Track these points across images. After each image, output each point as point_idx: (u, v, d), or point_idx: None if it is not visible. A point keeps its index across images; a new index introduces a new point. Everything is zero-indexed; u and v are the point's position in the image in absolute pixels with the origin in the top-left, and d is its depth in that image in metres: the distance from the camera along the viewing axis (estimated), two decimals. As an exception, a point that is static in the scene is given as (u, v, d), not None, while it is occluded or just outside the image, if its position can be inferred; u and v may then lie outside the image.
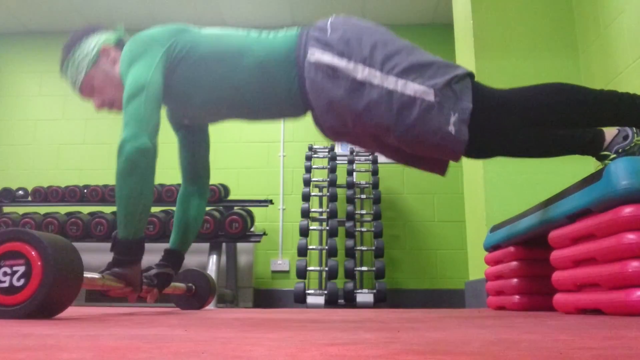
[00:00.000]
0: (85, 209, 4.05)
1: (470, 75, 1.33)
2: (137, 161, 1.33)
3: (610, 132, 1.48)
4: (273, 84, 1.40)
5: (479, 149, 1.35)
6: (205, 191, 1.78)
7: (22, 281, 1.00)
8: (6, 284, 1.00)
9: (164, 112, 1.65)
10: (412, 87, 1.28)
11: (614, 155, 1.45)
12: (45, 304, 1.00)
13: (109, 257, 1.39)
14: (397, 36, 1.41)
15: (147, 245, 1.47)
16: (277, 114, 1.51)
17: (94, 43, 1.53)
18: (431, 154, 1.37)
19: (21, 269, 1.00)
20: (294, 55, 1.38)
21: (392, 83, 1.28)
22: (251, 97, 1.44)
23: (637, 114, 1.35)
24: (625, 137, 1.45)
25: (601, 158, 1.47)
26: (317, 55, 1.33)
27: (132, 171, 1.33)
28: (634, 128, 1.46)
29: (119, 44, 1.56)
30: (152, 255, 4.69)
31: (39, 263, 1.00)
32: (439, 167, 1.47)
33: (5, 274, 1.01)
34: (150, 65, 1.39)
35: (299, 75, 1.38)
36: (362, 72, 1.30)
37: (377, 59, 1.30)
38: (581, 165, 2.17)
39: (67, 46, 1.53)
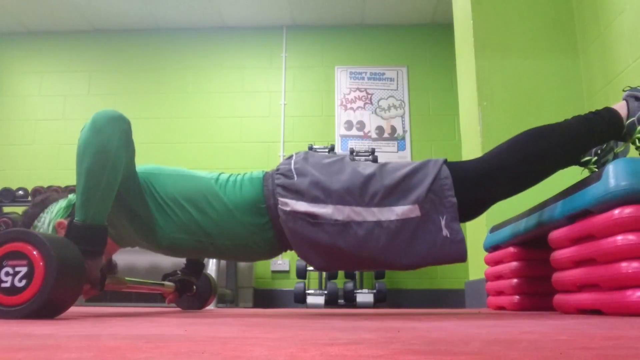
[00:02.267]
0: (85, 209, 4.04)
1: (444, 162, 1.32)
2: (104, 126, 1.20)
3: (619, 105, 1.49)
4: (245, 232, 1.35)
5: (477, 213, 1.37)
6: None
7: (24, 282, 1.00)
8: (8, 284, 1.00)
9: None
10: (396, 211, 1.26)
11: (595, 158, 1.47)
12: (47, 305, 1.00)
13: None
14: (362, 163, 1.37)
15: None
16: (253, 258, 1.46)
17: (47, 220, 1.43)
18: (438, 263, 1.33)
19: (23, 270, 1.00)
20: (264, 205, 1.33)
21: (376, 214, 1.26)
22: (223, 246, 1.37)
23: (608, 130, 1.38)
24: (638, 99, 1.47)
25: (583, 164, 1.48)
26: (291, 205, 1.28)
27: (99, 131, 1.19)
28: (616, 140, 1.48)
29: (73, 212, 1.40)
30: (154, 255, 4.66)
31: (41, 263, 1.00)
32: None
33: (7, 274, 1.01)
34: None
35: (274, 224, 1.34)
36: (342, 213, 1.26)
37: (354, 195, 1.27)
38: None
39: (23, 226, 1.42)
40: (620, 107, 1.42)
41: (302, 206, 1.28)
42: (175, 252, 1.44)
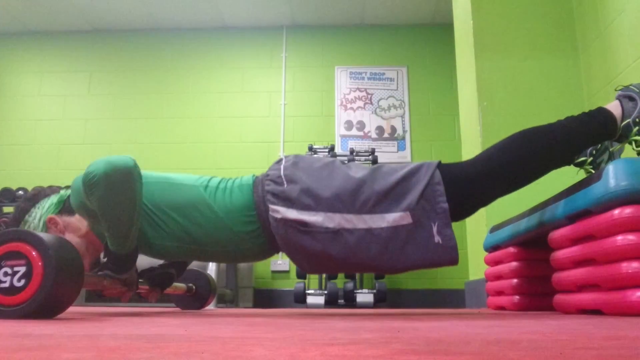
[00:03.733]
0: (85, 209, 4.04)
1: (437, 166, 1.31)
2: (119, 180, 1.24)
3: (612, 104, 1.48)
4: (236, 239, 1.35)
5: (469, 213, 1.36)
6: None
7: (22, 282, 1.00)
8: (7, 284, 1.00)
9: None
10: (387, 218, 1.25)
11: (591, 158, 1.47)
12: (46, 305, 1.00)
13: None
14: (354, 165, 1.37)
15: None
16: (246, 261, 1.47)
17: (38, 215, 1.44)
18: (430, 268, 1.34)
19: (22, 270, 1.00)
20: (254, 212, 1.34)
21: (367, 221, 1.25)
22: (215, 251, 1.39)
23: (601, 131, 1.37)
24: (632, 99, 1.46)
25: (579, 165, 1.48)
26: (282, 212, 1.28)
27: (117, 197, 1.24)
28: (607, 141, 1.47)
29: (64, 209, 1.46)
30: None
31: (40, 263, 1.00)
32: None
33: (6, 274, 1.01)
34: None
35: (265, 230, 1.34)
36: (332, 221, 1.26)
37: (345, 202, 1.26)
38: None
39: (13, 220, 1.44)
40: (614, 107, 1.40)
41: (292, 214, 1.27)
42: (166, 258, 1.46)
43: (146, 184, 1.39)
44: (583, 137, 1.36)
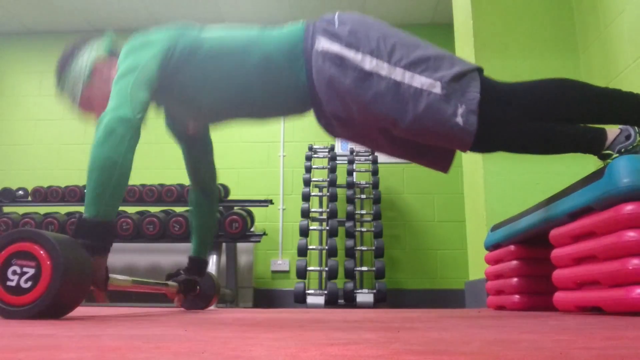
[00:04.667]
0: (85, 209, 4.04)
1: (479, 69, 1.34)
2: (115, 128, 1.24)
3: (612, 131, 1.48)
4: (280, 77, 1.39)
5: (482, 141, 1.35)
6: (213, 195, 1.82)
7: (30, 282, 0.99)
8: (14, 283, 1.00)
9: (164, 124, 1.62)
10: (419, 80, 1.29)
11: (617, 155, 1.45)
12: (53, 306, 0.99)
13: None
14: (405, 33, 1.41)
15: (149, 246, 1.48)
16: (284, 111, 1.50)
17: (85, 60, 1.47)
18: (440, 144, 1.37)
19: (30, 270, 1.00)
20: (301, 46, 1.38)
21: (400, 75, 1.29)
22: (258, 94, 1.43)
23: (639, 113, 1.36)
24: (628, 137, 1.45)
25: (604, 157, 1.47)
26: (326, 44, 1.34)
27: (107, 138, 1.23)
28: (637, 127, 1.46)
29: (112, 54, 1.50)
30: (154, 255, 4.67)
31: (48, 263, 0.99)
32: (442, 164, 1.47)
33: (14, 272, 1.00)
34: (146, 55, 1.35)
35: (307, 66, 1.37)
36: (369, 63, 1.30)
37: (384, 51, 1.31)
38: (581, 166, 2.17)
39: (59, 65, 1.48)
40: None
41: (335, 47, 1.32)
42: (200, 113, 1.52)
43: (198, 38, 1.42)
44: (619, 108, 1.37)
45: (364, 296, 3.46)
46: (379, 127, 1.39)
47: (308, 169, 4.17)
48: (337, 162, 4.19)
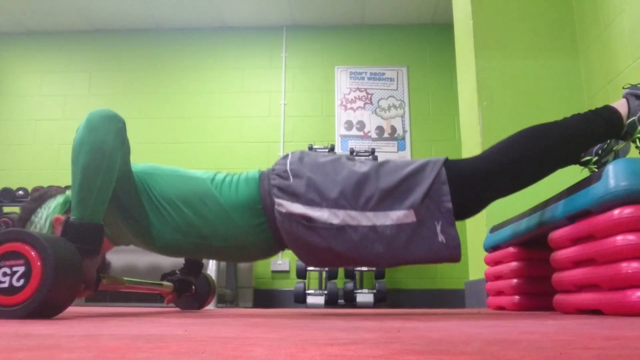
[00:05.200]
0: (85, 209, 4.04)
1: (444, 163, 1.31)
2: (99, 125, 1.19)
3: None
4: (241, 233, 1.35)
5: (470, 212, 1.35)
6: None
7: (21, 282, 1.00)
8: (6, 285, 1.00)
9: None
10: (391, 216, 1.26)
11: (596, 158, 1.46)
12: (45, 305, 1.00)
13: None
14: (358, 161, 1.37)
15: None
16: (250, 259, 1.47)
17: (44, 215, 1.42)
18: (433, 263, 1.34)
19: (21, 270, 1.00)
20: (260, 206, 1.34)
21: (372, 218, 1.26)
22: (219, 246, 1.38)
23: (608, 128, 1.37)
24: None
25: (583, 164, 1.48)
26: (286, 205, 1.28)
27: (90, 136, 1.17)
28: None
29: (70, 209, 1.41)
30: (154, 255, 4.64)
31: (39, 263, 1.00)
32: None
33: (5, 274, 1.01)
34: None
35: (270, 224, 1.34)
36: (337, 217, 1.26)
37: (349, 199, 1.27)
38: (580, 168, 2.17)
39: (19, 220, 1.43)
40: (621, 105, 1.40)
41: (297, 208, 1.28)
42: (170, 253, 1.44)
43: (154, 175, 1.38)
44: (589, 133, 1.36)
45: (364, 296, 3.46)
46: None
47: (308, 169, 4.16)
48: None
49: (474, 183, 1.31)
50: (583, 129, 1.36)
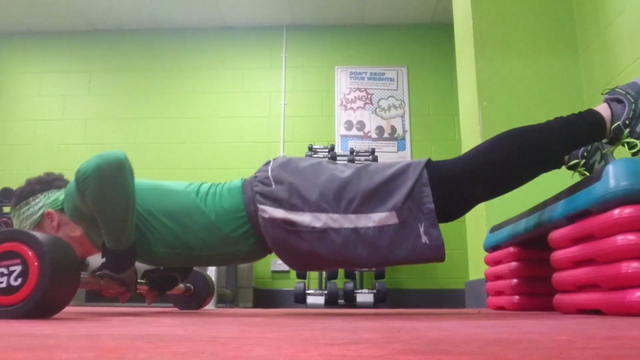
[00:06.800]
0: (85, 209, 4.05)
1: (425, 165, 1.31)
2: (116, 181, 1.27)
3: None
4: (228, 242, 1.38)
5: (454, 215, 1.35)
6: None
7: (19, 281, 1.00)
8: (3, 284, 1.00)
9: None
10: (373, 218, 1.26)
11: (583, 160, 1.46)
12: (42, 304, 1.00)
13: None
14: (341, 164, 1.38)
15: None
16: (239, 263, 1.50)
17: (40, 204, 1.45)
18: (417, 263, 1.35)
19: (18, 269, 1.00)
20: (244, 213, 1.36)
21: (354, 221, 1.27)
22: (207, 256, 1.41)
23: (589, 132, 1.36)
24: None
25: (572, 168, 1.48)
26: (269, 211, 1.30)
27: (111, 190, 1.26)
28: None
29: (62, 211, 1.48)
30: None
31: (36, 263, 1.00)
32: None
33: (2, 274, 1.01)
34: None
35: (255, 230, 1.37)
36: (319, 221, 1.27)
37: (330, 202, 1.28)
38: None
39: (16, 198, 1.46)
40: (603, 109, 1.39)
41: (280, 213, 1.29)
42: (159, 264, 1.47)
43: (138, 191, 1.41)
44: (570, 137, 1.35)
45: (364, 296, 3.46)
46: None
47: (308, 169, 4.16)
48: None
49: (456, 184, 1.31)
50: (564, 131, 1.34)
